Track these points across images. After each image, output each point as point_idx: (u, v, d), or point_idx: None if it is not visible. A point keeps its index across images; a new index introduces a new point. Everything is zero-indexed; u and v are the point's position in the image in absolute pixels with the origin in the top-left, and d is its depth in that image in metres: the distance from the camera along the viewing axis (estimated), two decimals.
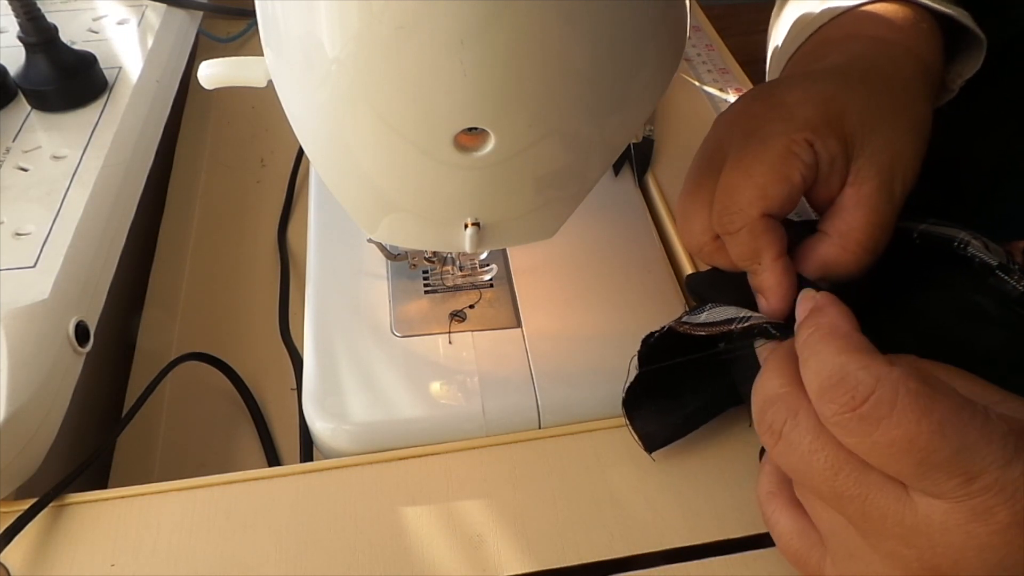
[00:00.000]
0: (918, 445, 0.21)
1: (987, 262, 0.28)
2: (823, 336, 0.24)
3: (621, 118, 0.28)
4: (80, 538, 0.31)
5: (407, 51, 0.22)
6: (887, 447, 0.21)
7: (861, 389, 0.22)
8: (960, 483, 0.21)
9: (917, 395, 0.21)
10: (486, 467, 0.33)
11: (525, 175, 0.28)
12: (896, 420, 0.21)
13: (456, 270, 0.40)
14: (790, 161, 0.29)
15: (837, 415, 0.22)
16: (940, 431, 0.21)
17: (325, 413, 0.35)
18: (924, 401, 0.21)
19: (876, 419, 0.21)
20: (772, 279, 0.30)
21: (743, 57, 0.61)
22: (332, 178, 0.31)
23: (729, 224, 0.30)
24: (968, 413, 0.21)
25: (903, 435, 0.21)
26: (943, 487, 0.21)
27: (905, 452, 0.21)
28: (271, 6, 0.25)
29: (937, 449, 0.21)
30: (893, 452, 0.21)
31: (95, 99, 0.44)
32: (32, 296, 0.33)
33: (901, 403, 0.21)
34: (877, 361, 0.23)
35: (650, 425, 0.32)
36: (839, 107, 0.30)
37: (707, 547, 0.31)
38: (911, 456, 0.21)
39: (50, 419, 0.32)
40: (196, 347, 0.41)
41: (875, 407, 0.21)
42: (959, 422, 0.21)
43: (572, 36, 0.23)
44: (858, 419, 0.22)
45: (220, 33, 0.67)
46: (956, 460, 0.20)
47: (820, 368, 0.23)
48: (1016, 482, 0.20)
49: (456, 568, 0.30)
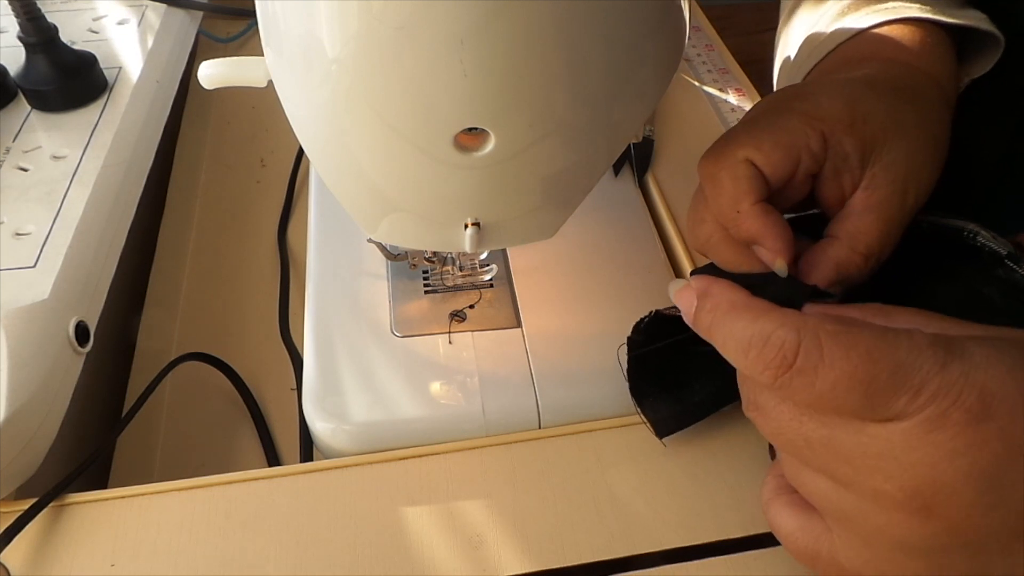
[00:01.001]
0: (857, 377, 0.21)
1: (996, 251, 0.28)
2: (726, 313, 0.25)
3: (621, 118, 0.28)
4: (80, 538, 0.31)
5: (407, 51, 0.22)
6: (831, 390, 0.22)
7: (788, 345, 0.22)
8: (908, 399, 0.21)
9: (838, 334, 0.22)
10: (486, 467, 0.33)
11: (525, 175, 0.28)
12: (828, 362, 0.22)
13: (456, 270, 0.40)
14: (797, 137, 0.29)
15: (777, 377, 0.23)
16: (870, 358, 0.21)
17: (325, 413, 0.35)
18: (846, 337, 0.22)
19: (812, 368, 0.22)
20: (756, 223, 0.28)
21: (743, 57, 0.61)
22: (332, 178, 0.31)
23: (713, 164, 0.29)
24: (892, 335, 0.22)
25: (840, 373, 0.22)
26: (895, 408, 0.21)
27: (848, 389, 0.22)
28: (271, 6, 0.25)
29: (875, 375, 0.21)
30: (838, 392, 0.22)
31: (95, 99, 0.44)
32: (32, 296, 0.33)
33: (827, 346, 0.22)
34: (789, 314, 0.23)
35: (660, 411, 0.32)
36: (865, 110, 0.30)
37: (707, 547, 0.31)
38: (855, 390, 0.22)
39: (50, 419, 0.32)
40: (196, 347, 0.41)
41: (806, 357, 0.22)
42: (885, 345, 0.21)
43: (572, 36, 0.23)
44: (796, 374, 0.22)
45: (220, 33, 0.67)
46: (895, 379, 0.21)
47: (740, 341, 0.24)
48: (959, 381, 0.21)
49: (456, 568, 0.30)
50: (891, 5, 0.36)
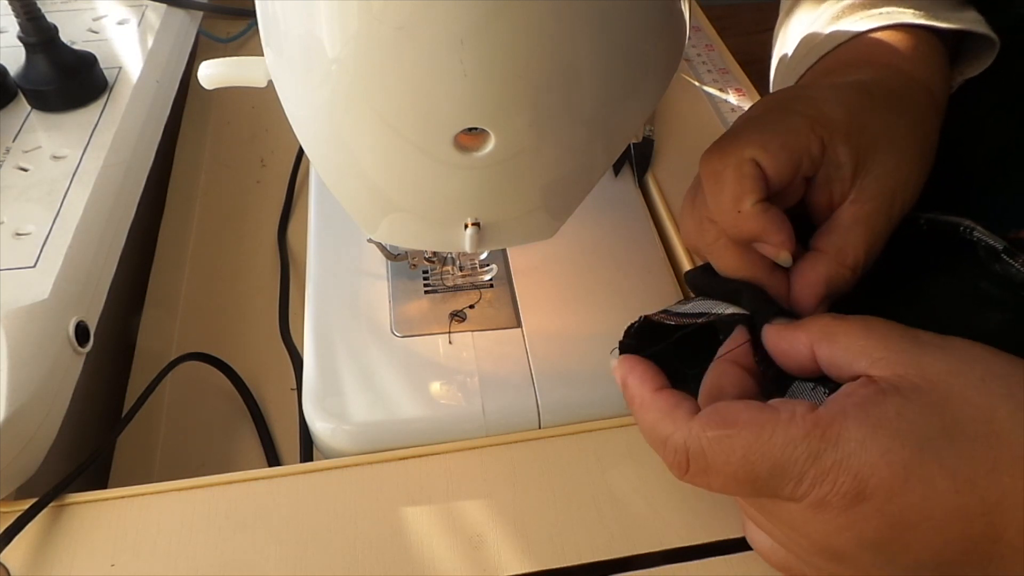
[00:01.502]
0: (740, 479, 0.24)
1: (993, 245, 0.28)
2: (637, 409, 0.27)
3: (621, 118, 0.28)
4: (80, 538, 0.31)
5: (407, 51, 0.22)
6: (724, 487, 0.25)
7: (679, 451, 0.25)
8: (793, 487, 0.23)
9: (719, 440, 0.24)
10: (486, 467, 0.33)
11: (525, 175, 0.28)
12: (714, 468, 0.24)
13: (456, 270, 0.40)
14: (800, 139, 0.29)
15: (682, 476, 0.25)
16: (748, 463, 0.23)
17: (325, 413, 0.35)
18: (724, 443, 0.24)
19: (702, 472, 0.25)
20: (758, 222, 0.29)
21: (743, 57, 0.61)
22: (332, 178, 0.31)
23: (718, 161, 0.29)
24: (768, 432, 0.23)
25: (726, 477, 0.24)
26: (785, 493, 0.23)
27: (737, 486, 0.24)
28: (271, 6, 0.25)
29: (755, 475, 0.23)
30: (731, 488, 0.25)
31: (95, 99, 0.44)
32: (32, 296, 0.33)
33: (710, 453, 0.24)
34: (680, 420, 0.25)
35: None
36: (861, 122, 0.30)
37: (707, 547, 0.31)
38: (743, 487, 0.24)
39: (50, 419, 0.32)
40: (196, 347, 0.41)
41: (696, 463, 0.25)
42: (760, 446, 0.23)
43: (572, 36, 0.23)
44: (693, 475, 0.25)
45: (220, 33, 0.67)
46: (775, 475, 0.23)
47: (650, 437, 0.27)
48: (833, 469, 0.22)
49: (456, 568, 0.30)
50: (887, 10, 0.36)
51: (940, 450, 0.22)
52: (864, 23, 0.36)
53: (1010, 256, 0.28)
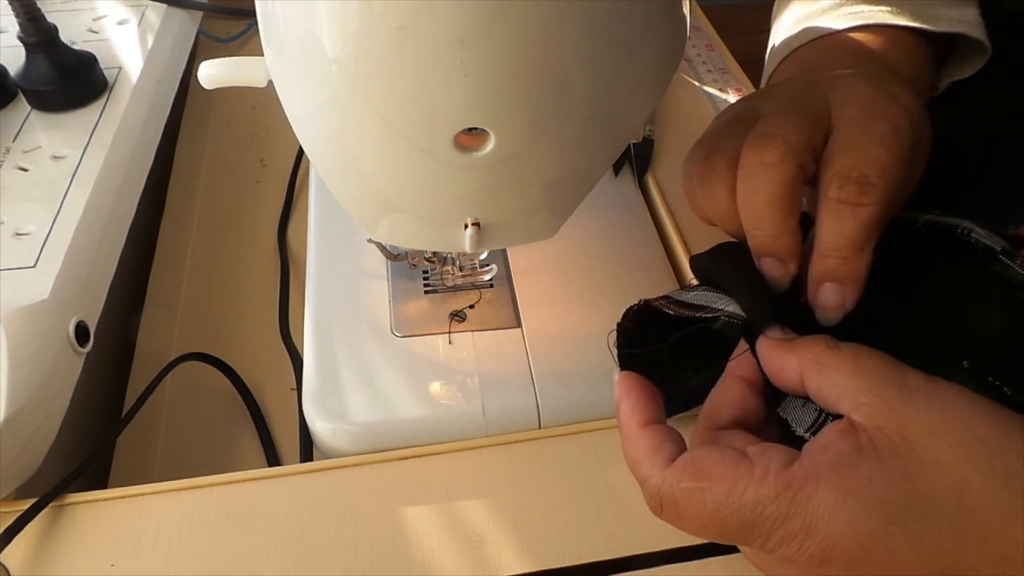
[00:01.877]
0: (710, 530, 0.25)
1: (991, 247, 0.28)
2: (624, 437, 0.27)
3: (621, 118, 0.28)
4: (80, 538, 0.31)
5: (407, 51, 0.22)
6: (696, 534, 0.25)
7: (654, 497, 0.25)
8: (761, 542, 0.23)
9: (690, 492, 0.24)
10: (486, 467, 0.33)
11: (525, 175, 0.28)
12: (686, 518, 0.25)
13: (456, 270, 0.40)
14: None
15: (659, 515, 0.26)
16: (718, 518, 0.24)
17: (325, 413, 0.35)
18: (696, 496, 0.24)
19: (676, 517, 0.25)
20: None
21: (743, 57, 0.61)
22: (332, 178, 0.31)
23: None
24: (739, 490, 0.23)
25: (697, 527, 0.25)
26: (753, 546, 0.24)
27: (707, 535, 0.25)
28: (271, 6, 0.25)
29: (726, 529, 0.24)
30: (701, 536, 0.25)
31: (95, 99, 0.44)
32: (32, 296, 0.33)
33: (682, 503, 0.24)
34: (657, 465, 0.25)
35: None
36: (870, 101, 0.29)
37: (707, 547, 0.31)
38: (714, 536, 0.25)
39: (50, 419, 0.32)
40: (196, 347, 0.41)
41: (668, 510, 0.25)
42: (731, 503, 0.23)
43: (572, 36, 0.23)
44: (667, 518, 0.25)
45: (220, 33, 0.67)
46: (745, 531, 0.24)
47: (631, 470, 0.27)
48: (800, 533, 0.23)
49: (456, 568, 0.30)
50: (879, 8, 0.36)
51: (908, 522, 0.22)
52: (846, 22, 0.36)
53: (1008, 257, 0.28)
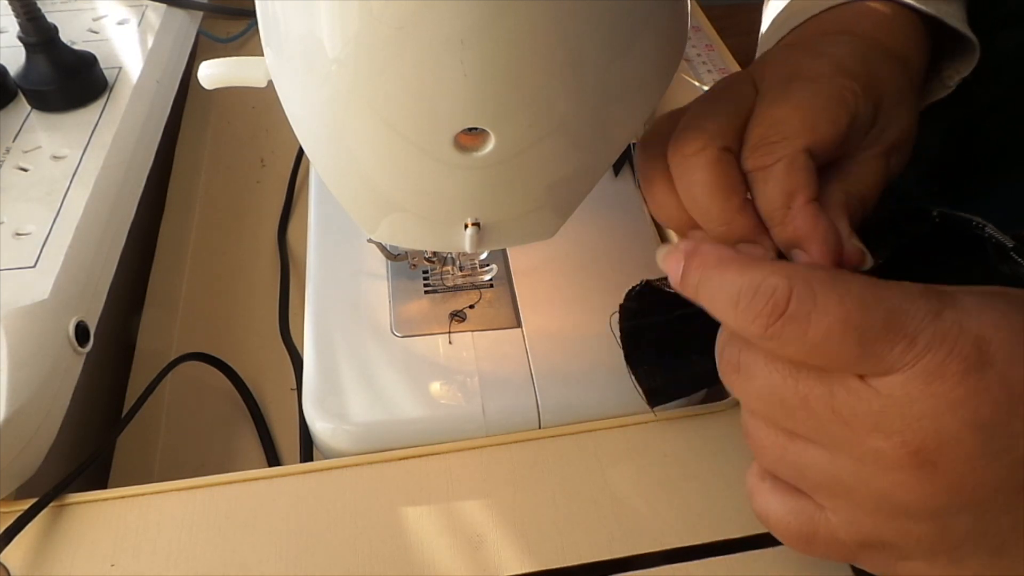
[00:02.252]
0: (851, 324, 0.21)
1: (1003, 243, 0.28)
2: (714, 267, 0.24)
3: (621, 118, 0.28)
4: (80, 538, 0.31)
5: (407, 51, 0.22)
6: (825, 339, 0.21)
7: (780, 291, 0.21)
8: (904, 348, 0.20)
9: (832, 280, 0.21)
10: (486, 467, 0.33)
11: (525, 175, 0.28)
12: (822, 308, 0.21)
13: (456, 270, 0.40)
14: (841, 104, 0.28)
15: (768, 327, 0.22)
16: (864, 304, 0.21)
17: (325, 413, 0.35)
18: (840, 284, 0.21)
19: (805, 314, 0.21)
20: (809, 223, 0.26)
21: (743, 57, 0.61)
22: (332, 178, 0.31)
23: (767, 155, 0.27)
24: (884, 283, 0.21)
25: (834, 319, 0.21)
26: (891, 359, 0.20)
27: (843, 336, 0.21)
28: (271, 6, 0.25)
29: (869, 322, 0.20)
30: (832, 341, 0.21)
31: (95, 99, 0.44)
32: (32, 296, 0.33)
33: (820, 292, 0.21)
34: (780, 263, 0.22)
35: (655, 380, 0.32)
36: (877, 71, 0.29)
37: (707, 547, 0.31)
38: (849, 338, 0.21)
39: (50, 419, 0.32)
40: (196, 347, 0.41)
41: (799, 303, 0.21)
42: (877, 291, 0.21)
43: (572, 36, 0.23)
44: (788, 321, 0.21)
45: (220, 33, 0.67)
46: (890, 326, 0.20)
47: (730, 293, 0.23)
48: (953, 330, 0.20)
49: (456, 568, 0.30)
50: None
51: None
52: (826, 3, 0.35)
53: (1019, 255, 0.28)
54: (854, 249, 0.27)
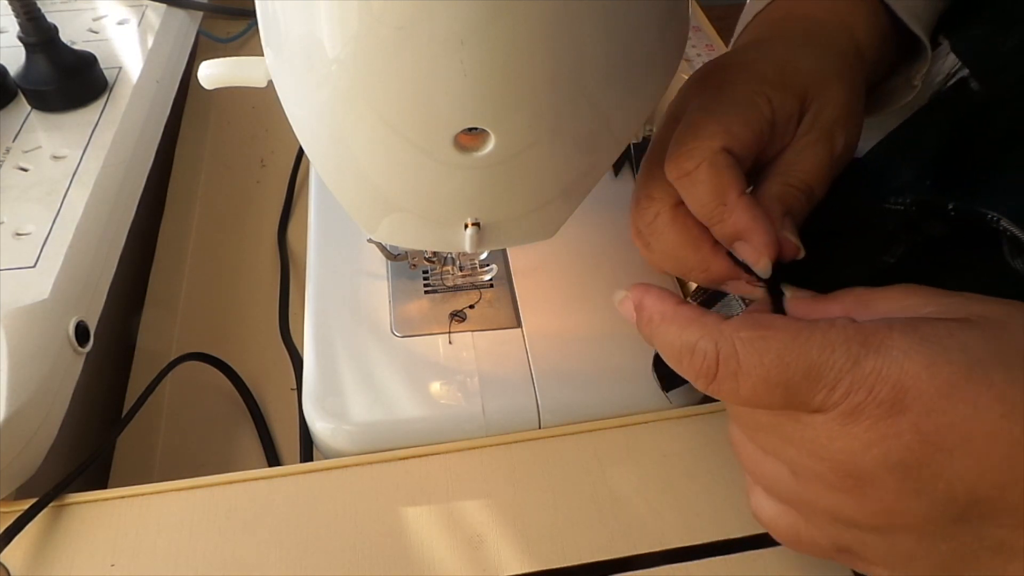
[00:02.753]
0: (772, 381, 0.22)
1: (1018, 236, 0.28)
2: (659, 324, 0.26)
3: (621, 118, 0.28)
4: (80, 538, 0.31)
5: (407, 51, 0.22)
6: (753, 393, 0.23)
7: (709, 356, 0.24)
8: (825, 394, 0.22)
9: (752, 340, 0.23)
10: (486, 467, 0.33)
11: (525, 175, 0.28)
12: (745, 370, 0.23)
13: (456, 270, 0.40)
14: (753, 109, 0.29)
15: (708, 385, 0.24)
16: (782, 362, 0.22)
17: (325, 413, 0.35)
18: (760, 343, 0.23)
19: (732, 374, 0.23)
20: (746, 215, 0.28)
21: None
22: (332, 178, 0.31)
23: (687, 160, 0.29)
24: (804, 335, 0.22)
25: (757, 379, 0.23)
26: (816, 402, 0.22)
27: (767, 390, 0.23)
28: (271, 6, 0.25)
29: (789, 377, 0.22)
30: (760, 394, 0.23)
31: (95, 99, 0.44)
32: (32, 296, 0.33)
33: (742, 353, 0.23)
34: (709, 324, 0.24)
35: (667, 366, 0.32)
36: (793, 66, 0.31)
37: (707, 547, 0.31)
38: (774, 391, 0.23)
39: (50, 419, 0.32)
40: (196, 347, 0.41)
41: (725, 365, 0.23)
42: (796, 347, 0.22)
43: (572, 36, 0.23)
44: (721, 381, 0.24)
45: (220, 33, 0.67)
46: (809, 378, 0.22)
47: (673, 351, 0.25)
48: (871, 377, 0.21)
49: (456, 568, 0.30)
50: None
51: (991, 372, 0.20)
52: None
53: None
54: (787, 242, 0.28)
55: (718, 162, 0.28)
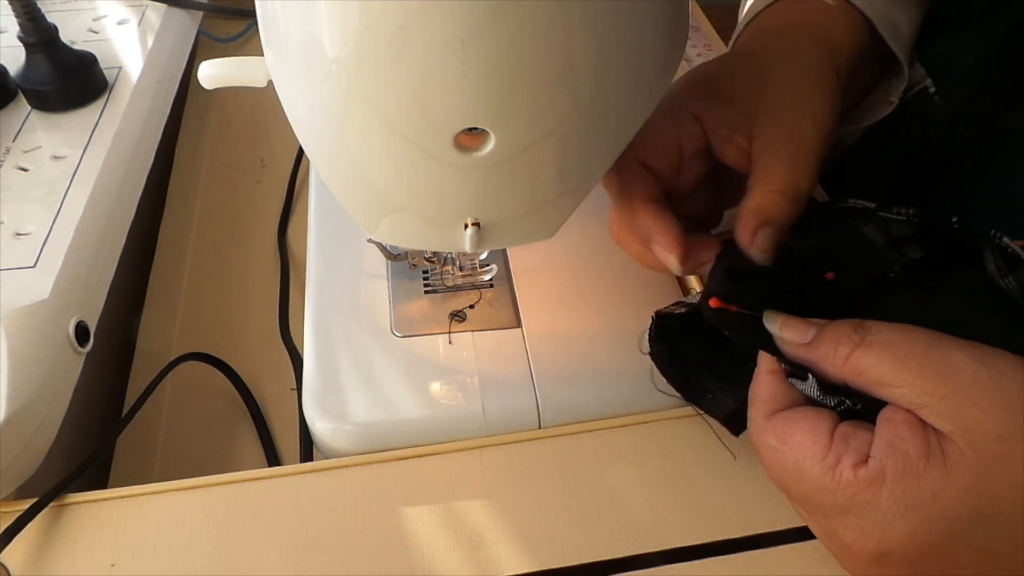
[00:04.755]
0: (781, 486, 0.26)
1: (1019, 253, 0.28)
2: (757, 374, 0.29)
3: (621, 118, 0.28)
4: (80, 538, 0.31)
5: (407, 51, 0.22)
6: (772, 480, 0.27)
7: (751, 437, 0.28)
8: (820, 519, 0.25)
9: (770, 450, 0.26)
10: (486, 467, 0.33)
11: (525, 175, 0.28)
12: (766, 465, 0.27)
13: (456, 270, 0.40)
14: (671, 124, 0.33)
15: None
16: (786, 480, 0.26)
17: (325, 413, 0.35)
18: (774, 454, 0.26)
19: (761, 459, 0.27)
20: (648, 220, 0.31)
21: None
22: (332, 178, 0.31)
23: (612, 172, 0.33)
24: (807, 467, 0.25)
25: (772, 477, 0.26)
26: (815, 519, 0.26)
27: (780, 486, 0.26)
28: (271, 6, 0.25)
29: (790, 492, 0.26)
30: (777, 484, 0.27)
31: (95, 99, 0.44)
32: (32, 296, 0.33)
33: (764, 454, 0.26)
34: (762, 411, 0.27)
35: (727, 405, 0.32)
36: (717, 77, 0.33)
37: (707, 547, 0.31)
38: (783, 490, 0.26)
39: (50, 419, 0.32)
40: (196, 347, 0.41)
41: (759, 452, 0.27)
42: (799, 473, 0.25)
43: (572, 36, 0.23)
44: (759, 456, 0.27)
45: (220, 33, 0.67)
46: (807, 504, 0.25)
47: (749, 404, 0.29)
48: (856, 529, 0.24)
49: (456, 568, 0.30)
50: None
51: (972, 535, 0.22)
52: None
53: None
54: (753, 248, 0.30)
55: (628, 173, 0.32)
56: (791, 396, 0.27)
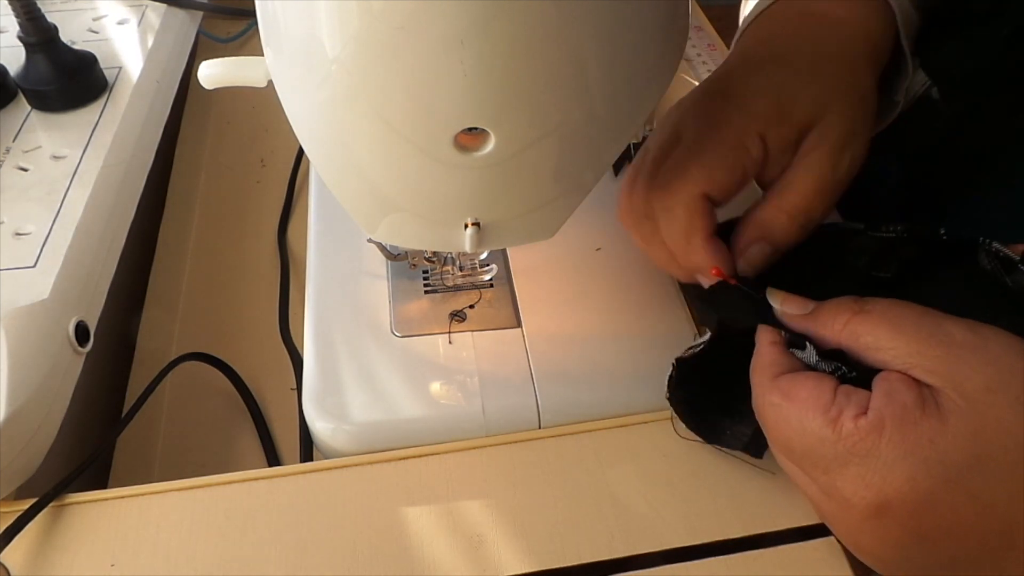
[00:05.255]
0: (782, 445, 0.27)
1: (1010, 256, 0.29)
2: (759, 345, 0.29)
3: (621, 118, 0.28)
4: (80, 538, 0.31)
5: (407, 51, 0.22)
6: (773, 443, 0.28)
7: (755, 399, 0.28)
8: (820, 475, 0.25)
9: (774, 407, 0.27)
10: (486, 467, 0.33)
11: (525, 175, 0.28)
12: (768, 425, 0.27)
13: (456, 270, 0.40)
14: (740, 152, 0.31)
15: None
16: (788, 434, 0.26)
17: (325, 413, 0.35)
18: (776, 411, 0.26)
19: (762, 421, 0.28)
20: (705, 257, 0.31)
21: None
22: (332, 178, 0.31)
23: (667, 198, 0.32)
24: (809, 418, 0.25)
25: (773, 438, 0.27)
26: (814, 476, 0.26)
27: (781, 447, 0.27)
28: (271, 6, 0.25)
29: (791, 449, 0.26)
30: (777, 447, 0.27)
31: (95, 99, 0.44)
32: (32, 296, 0.33)
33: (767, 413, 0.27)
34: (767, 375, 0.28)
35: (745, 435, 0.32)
36: (790, 96, 0.31)
37: (707, 547, 0.31)
38: (785, 450, 0.27)
39: (50, 419, 0.32)
40: (196, 347, 0.41)
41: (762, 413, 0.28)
42: (801, 427, 0.25)
43: (572, 36, 0.23)
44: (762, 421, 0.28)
45: (220, 33, 0.67)
46: (808, 459, 0.25)
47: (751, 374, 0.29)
48: (856, 480, 0.24)
49: (456, 568, 0.30)
50: None
51: (968, 480, 0.23)
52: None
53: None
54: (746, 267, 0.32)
55: (693, 207, 0.31)
56: (792, 363, 0.28)
